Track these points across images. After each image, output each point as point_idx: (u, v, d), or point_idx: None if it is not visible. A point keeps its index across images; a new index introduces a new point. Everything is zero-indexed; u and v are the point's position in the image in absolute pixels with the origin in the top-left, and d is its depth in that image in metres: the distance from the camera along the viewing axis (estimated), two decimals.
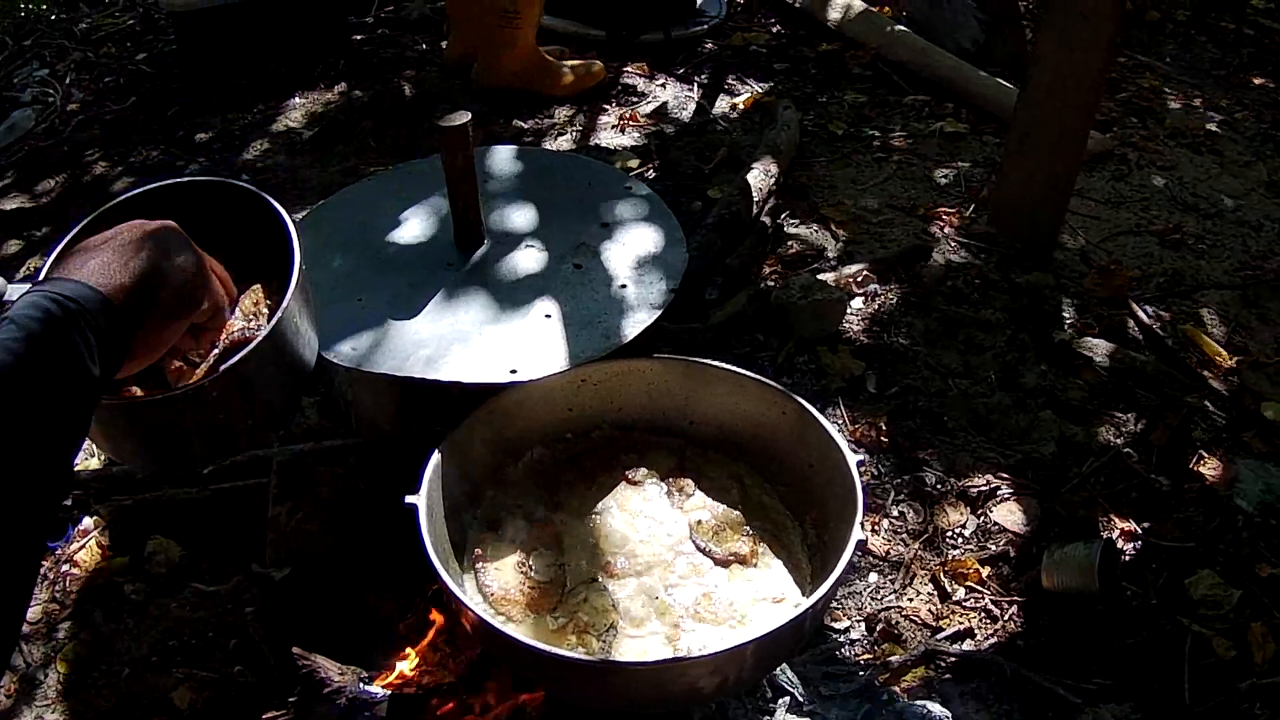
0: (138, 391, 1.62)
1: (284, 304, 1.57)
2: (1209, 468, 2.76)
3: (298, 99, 4.71)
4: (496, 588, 1.83)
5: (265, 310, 1.64)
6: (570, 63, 4.60)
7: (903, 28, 4.93)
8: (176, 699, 2.38)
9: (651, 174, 3.97)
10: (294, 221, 1.66)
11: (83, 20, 5.80)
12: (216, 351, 1.64)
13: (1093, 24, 3.09)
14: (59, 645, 2.52)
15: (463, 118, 2.06)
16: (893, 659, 2.29)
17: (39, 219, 4.02)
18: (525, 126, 4.34)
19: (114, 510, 2.78)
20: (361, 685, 2.07)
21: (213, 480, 2.81)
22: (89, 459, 2.90)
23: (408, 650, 2.12)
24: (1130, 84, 4.84)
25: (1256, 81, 5.05)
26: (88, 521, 2.78)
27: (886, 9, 5.23)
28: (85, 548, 2.72)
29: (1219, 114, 4.67)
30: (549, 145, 4.23)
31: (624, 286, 2.10)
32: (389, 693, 2.05)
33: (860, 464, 1.79)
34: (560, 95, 4.52)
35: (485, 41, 4.41)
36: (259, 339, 1.56)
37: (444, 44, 4.86)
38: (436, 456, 1.84)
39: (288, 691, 2.17)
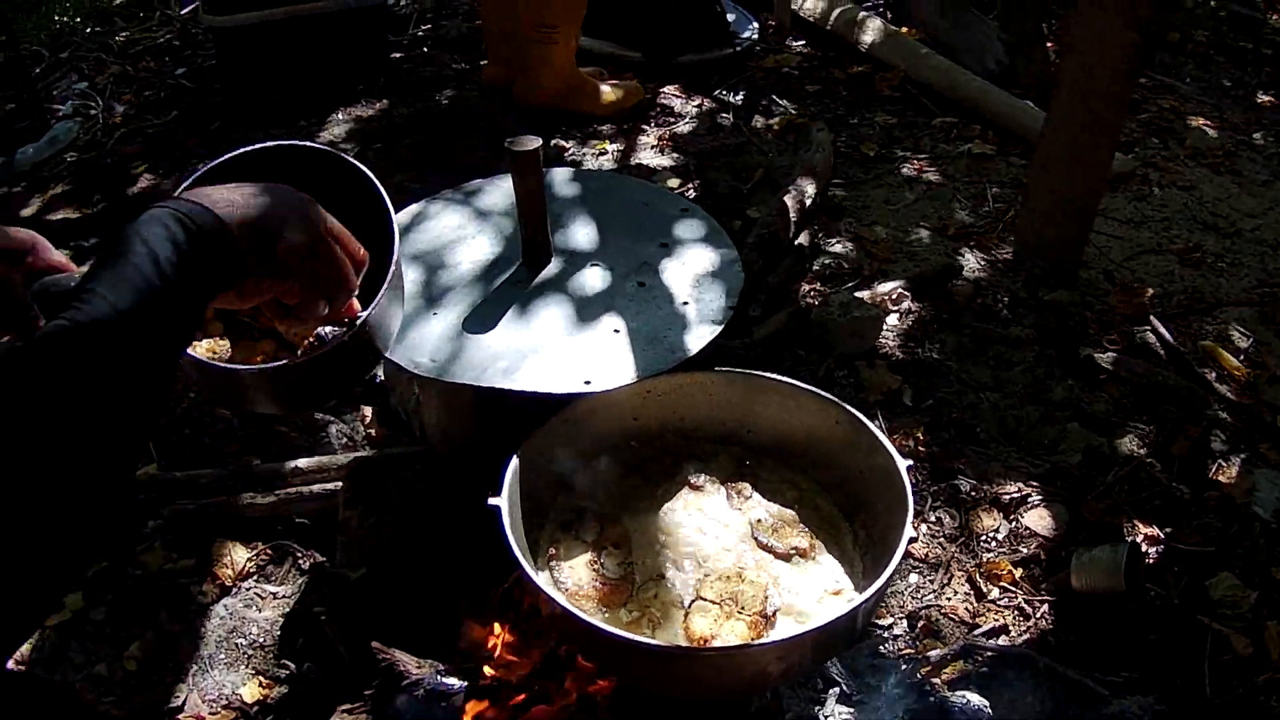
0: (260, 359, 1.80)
1: (391, 266, 1.73)
2: (1227, 477, 2.87)
3: (340, 115, 4.80)
4: (571, 584, 1.93)
5: None
6: (609, 84, 4.71)
7: (930, 50, 5.01)
8: (245, 695, 2.44)
9: (691, 193, 4.06)
10: (389, 196, 1.81)
11: (118, 34, 5.87)
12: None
13: (1114, 51, 3.18)
14: (124, 644, 2.55)
15: (534, 142, 2.18)
16: (933, 653, 2.40)
17: (87, 230, 4.09)
18: (567, 146, 4.45)
19: (178, 514, 2.82)
20: (439, 677, 2.16)
21: (278, 486, 2.87)
22: (146, 465, 2.95)
23: (485, 641, 2.22)
24: (1151, 105, 4.91)
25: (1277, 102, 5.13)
26: (152, 525, 2.82)
27: (913, 31, 5.32)
28: (150, 550, 2.75)
29: (1237, 134, 4.75)
30: (590, 165, 4.33)
31: (685, 304, 2.22)
32: (465, 684, 2.13)
33: (909, 468, 1.91)
34: (599, 115, 4.62)
35: (524, 59, 4.51)
36: (380, 294, 1.70)
37: (484, 63, 4.96)
38: (515, 461, 1.94)
39: (361, 686, 2.25)
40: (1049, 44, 5.15)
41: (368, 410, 3.17)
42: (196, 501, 2.86)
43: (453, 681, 2.15)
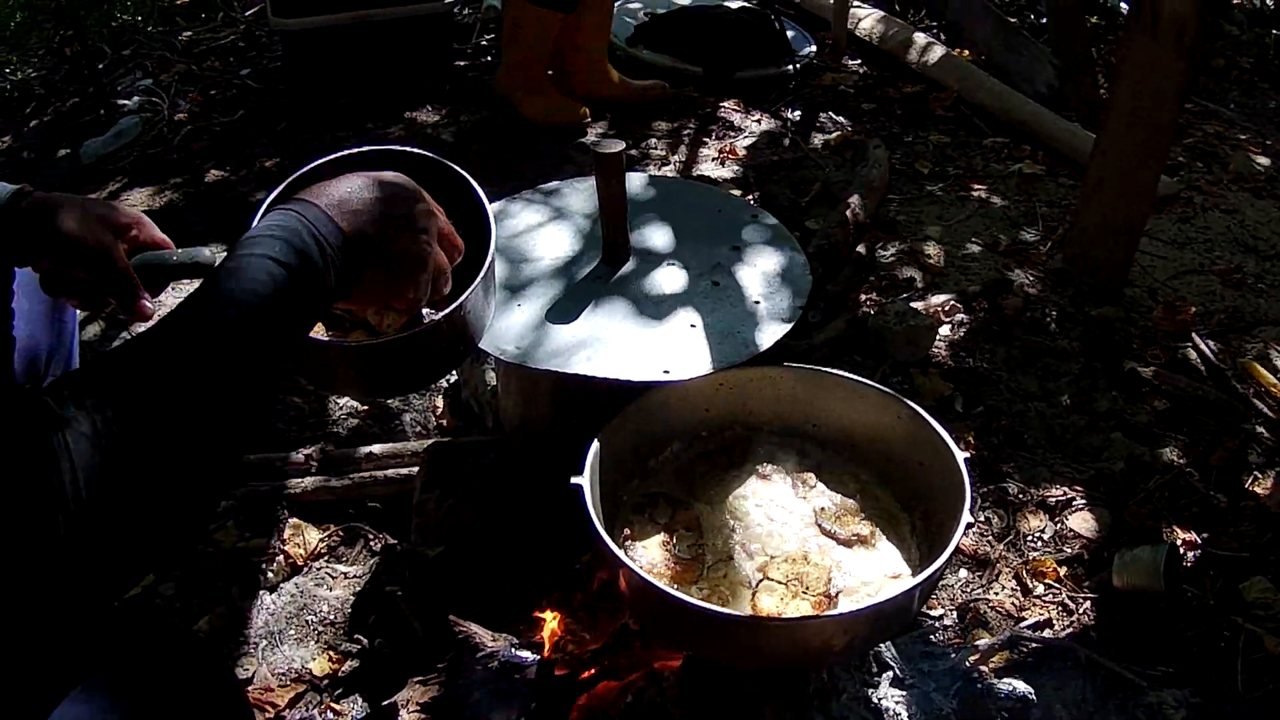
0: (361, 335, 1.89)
1: (487, 262, 1.82)
2: (1262, 488, 2.94)
3: (406, 119, 4.88)
4: (645, 562, 2.00)
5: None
6: (643, 83, 4.89)
7: (983, 72, 5.09)
8: (315, 668, 2.49)
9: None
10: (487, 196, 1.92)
11: (182, 33, 5.95)
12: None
13: (1162, 77, 3.27)
14: (194, 618, 2.60)
15: (618, 146, 2.25)
16: (981, 642, 2.48)
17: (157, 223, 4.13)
18: (632, 154, 4.52)
19: (251, 495, 2.89)
20: (513, 650, 2.21)
21: (351, 471, 2.95)
22: None
23: (552, 619, 2.28)
24: (1196, 129, 4.98)
25: None
26: (224, 505, 2.87)
27: (966, 53, 5.42)
28: (223, 529, 2.81)
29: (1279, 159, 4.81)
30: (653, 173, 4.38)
31: (757, 302, 2.30)
32: (538, 657, 2.18)
33: (967, 460, 2.00)
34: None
35: (503, 46, 4.72)
36: (475, 283, 1.79)
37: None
38: (596, 444, 2.02)
39: (434, 660, 2.28)
40: (1098, 69, 5.24)
41: (439, 401, 3.26)
42: (270, 483, 2.93)
43: (526, 654, 2.19)
